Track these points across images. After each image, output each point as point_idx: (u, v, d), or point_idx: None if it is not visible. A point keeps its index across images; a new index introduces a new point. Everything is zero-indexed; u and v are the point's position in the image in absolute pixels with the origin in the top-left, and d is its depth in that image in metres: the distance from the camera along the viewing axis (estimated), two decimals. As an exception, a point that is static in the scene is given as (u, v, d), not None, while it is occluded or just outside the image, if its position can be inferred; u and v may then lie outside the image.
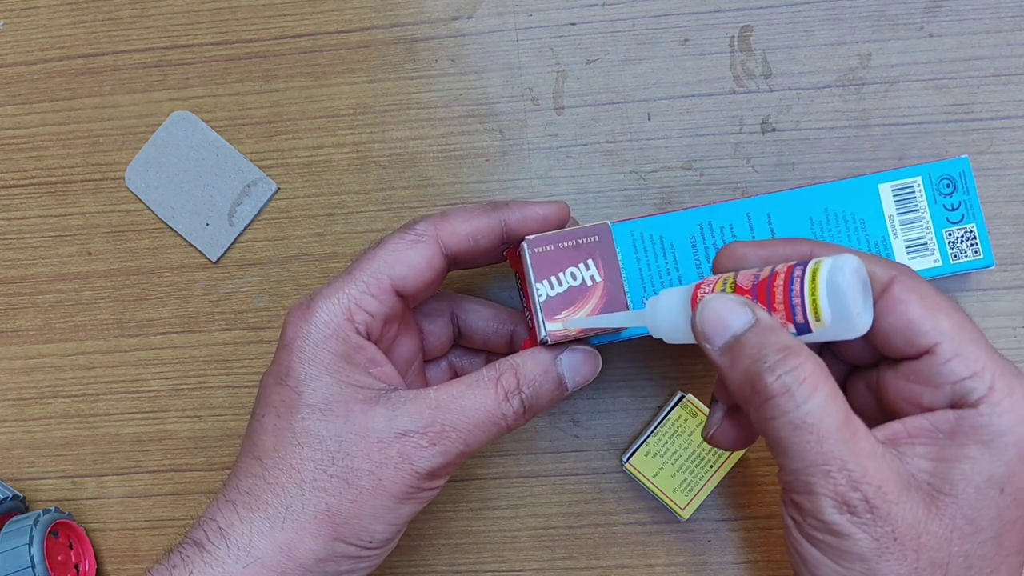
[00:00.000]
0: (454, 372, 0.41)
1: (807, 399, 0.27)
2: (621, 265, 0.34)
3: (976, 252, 0.38)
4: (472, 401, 0.33)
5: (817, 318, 0.28)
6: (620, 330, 0.35)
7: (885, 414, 0.31)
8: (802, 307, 0.28)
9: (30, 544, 0.41)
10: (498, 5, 0.45)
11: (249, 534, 0.32)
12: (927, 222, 0.38)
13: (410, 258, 0.34)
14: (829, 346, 0.34)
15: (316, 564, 0.33)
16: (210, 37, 0.46)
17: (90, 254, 0.46)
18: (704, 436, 0.34)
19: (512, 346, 0.40)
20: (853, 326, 0.27)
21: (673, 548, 0.43)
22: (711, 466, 0.41)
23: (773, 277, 0.29)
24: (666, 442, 0.41)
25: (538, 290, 0.33)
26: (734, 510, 0.43)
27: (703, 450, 0.41)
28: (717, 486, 0.41)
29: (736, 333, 0.29)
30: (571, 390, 0.35)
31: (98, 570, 0.45)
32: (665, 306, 0.31)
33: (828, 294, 0.27)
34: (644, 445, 0.41)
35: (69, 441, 0.46)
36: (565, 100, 0.44)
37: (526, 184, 0.44)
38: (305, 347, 0.33)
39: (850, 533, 0.27)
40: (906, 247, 0.38)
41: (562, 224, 0.36)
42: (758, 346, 0.28)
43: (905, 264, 0.36)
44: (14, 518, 0.43)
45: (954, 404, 0.29)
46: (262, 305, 0.45)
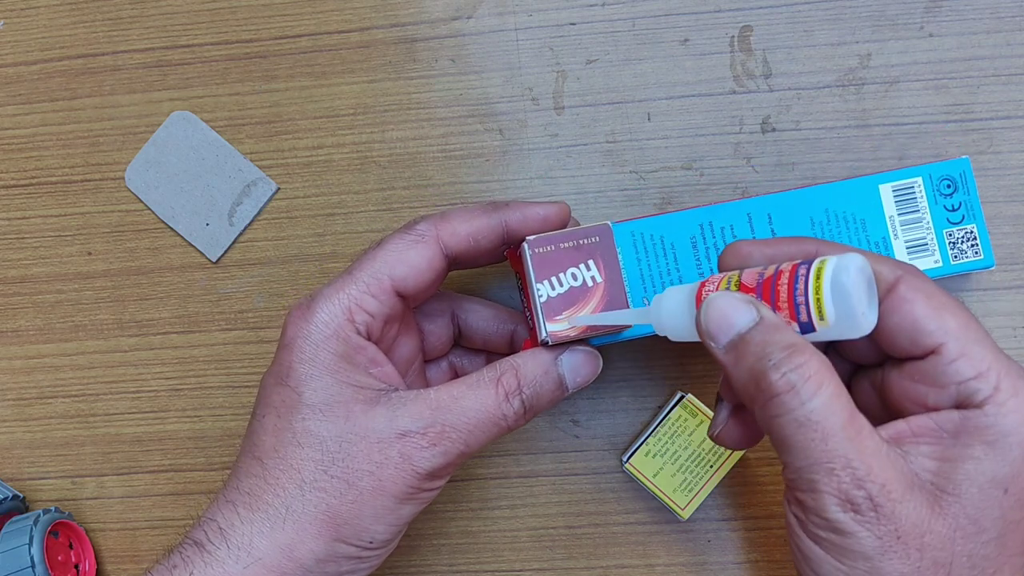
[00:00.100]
0: (454, 372, 0.41)
1: (812, 397, 0.27)
2: (622, 266, 0.34)
3: (977, 253, 0.38)
4: (473, 401, 0.33)
5: (821, 317, 0.27)
6: (621, 330, 0.35)
7: (890, 413, 0.31)
8: (806, 306, 0.28)
9: (30, 544, 0.41)
10: (498, 5, 0.45)
11: (249, 534, 0.32)
12: (928, 223, 0.38)
13: (411, 258, 0.34)
14: (834, 345, 0.34)
15: (316, 565, 0.33)
16: (210, 37, 0.46)
17: (90, 254, 0.46)
18: (710, 435, 0.34)
19: (513, 346, 0.40)
20: (857, 325, 0.27)
21: (673, 548, 0.43)
22: (711, 466, 0.41)
23: (778, 276, 0.29)
24: (666, 442, 0.41)
25: (539, 290, 0.33)
26: (734, 510, 0.43)
27: (703, 450, 0.41)
28: (717, 486, 0.41)
29: (741, 331, 0.28)
30: (571, 391, 0.35)
31: (98, 570, 0.45)
32: (670, 304, 0.31)
33: (832, 293, 0.27)
34: (644, 445, 0.41)
35: (69, 441, 0.46)
36: (565, 100, 0.44)
37: (526, 184, 0.44)
38: (306, 347, 0.33)
39: (853, 531, 0.27)
40: (907, 248, 0.38)
41: (563, 224, 0.36)
42: (763, 344, 0.28)
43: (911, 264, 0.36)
44: (14, 518, 0.43)
45: (959, 404, 0.29)
46: (262, 305, 0.45)
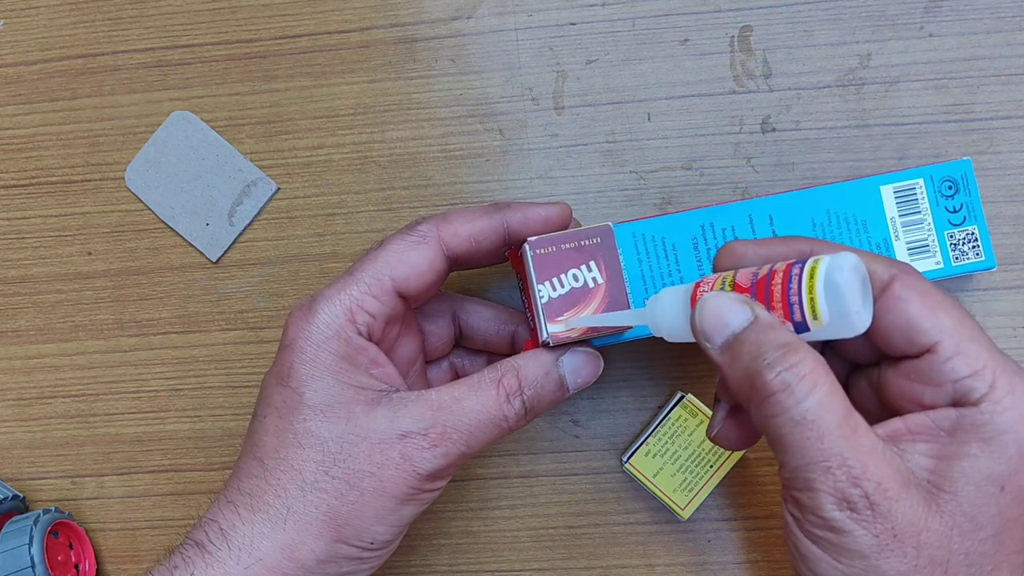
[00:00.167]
0: (455, 373, 0.41)
1: (807, 395, 0.27)
2: (623, 266, 0.34)
3: (978, 254, 0.38)
4: (474, 402, 0.33)
5: (815, 316, 0.27)
6: (623, 331, 0.35)
7: (886, 412, 0.31)
8: (800, 306, 0.28)
9: (30, 544, 0.41)
10: (498, 5, 0.45)
11: (251, 535, 0.32)
12: (929, 224, 0.38)
13: (412, 259, 0.34)
14: (831, 344, 0.34)
15: (317, 565, 0.33)
16: (210, 37, 0.46)
17: (90, 254, 0.46)
18: (708, 435, 0.34)
19: (513, 347, 0.40)
20: (852, 324, 0.27)
21: (673, 548, 0.43)
22: (711, 466, 0.41)
23: (772, 275, 0.29)
24: (666, 442, 0.41)
25: (540, 291, 0.33)
26: (734, 510, 0.43)
27: (703, 450, 0.41)
28: (717, 486, 0.41)
29: (735, 331, 0.29)
30: (572, 392, 0.35)
31: (98, 570, 0.45)
32: (665, 305, 0.31)
33: (826, 293, 0.27)
34: (644, 445, 0.41)
35: (69, 441, 0.46)
36: (565, 100, 0.44)
37: (526, 184, 0.44)
38: (307, 348, 0.33)
39: (850, 530, 0.27)
40: (908, 249, 0.38)
41: (564, 225, 0.36)
42: (757, 344, 0.28)
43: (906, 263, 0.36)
44: (14, 518, 0.43)
45: (955, 402, 0.29)
46: (262, 305, 0.45)
